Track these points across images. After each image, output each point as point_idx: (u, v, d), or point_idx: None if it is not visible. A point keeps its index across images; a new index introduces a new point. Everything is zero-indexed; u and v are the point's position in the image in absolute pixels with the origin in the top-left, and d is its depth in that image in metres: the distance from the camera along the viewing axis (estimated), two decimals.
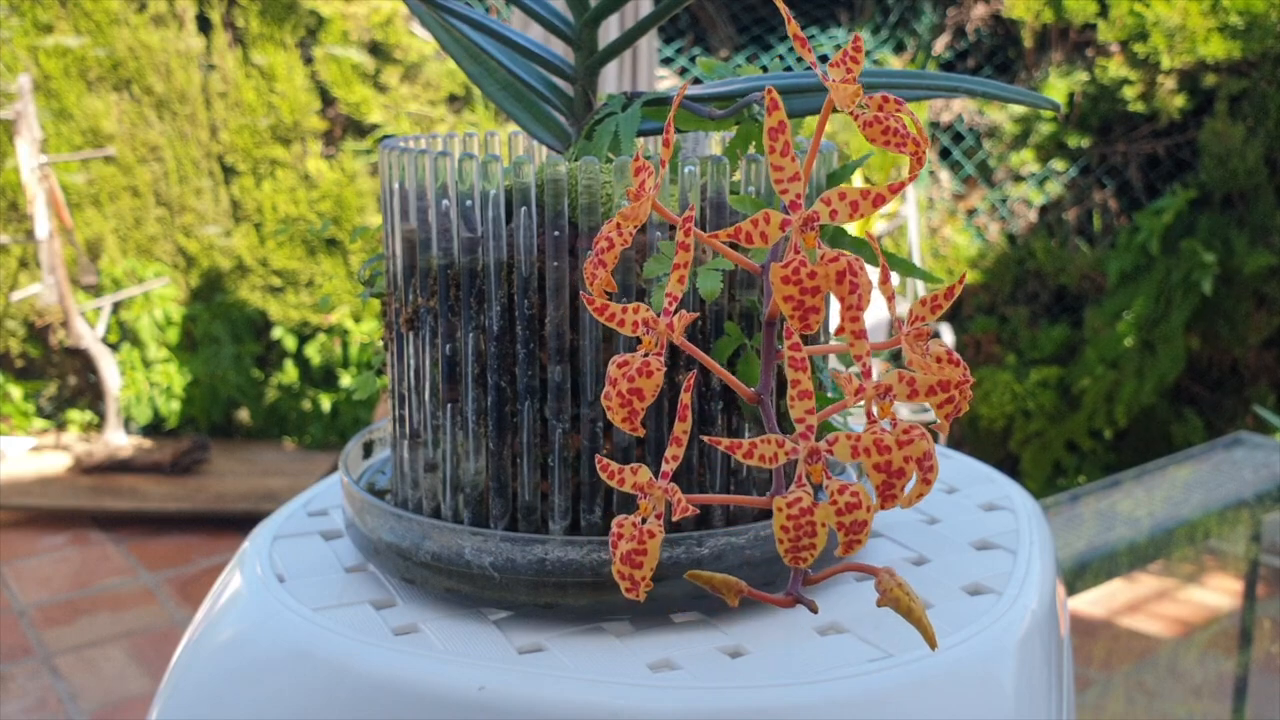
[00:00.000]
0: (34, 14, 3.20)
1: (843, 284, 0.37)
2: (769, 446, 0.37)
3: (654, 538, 0.38)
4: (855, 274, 0.37)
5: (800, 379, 0.37)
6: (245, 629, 0.53)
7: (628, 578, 0.39)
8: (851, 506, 0.36)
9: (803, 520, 0.36)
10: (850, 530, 0.37)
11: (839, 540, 0.37)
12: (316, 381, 3.34)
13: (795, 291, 0.37)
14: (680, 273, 0.39)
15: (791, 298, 0.37)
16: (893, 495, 0.37)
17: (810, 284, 0.37)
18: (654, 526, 0.39)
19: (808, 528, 0.36)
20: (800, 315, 0.37)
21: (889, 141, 0.39)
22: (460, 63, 0.61)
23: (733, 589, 0.39)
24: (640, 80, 2.22)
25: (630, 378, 0.39)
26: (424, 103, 3.28)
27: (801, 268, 0.37)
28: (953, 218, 3.20)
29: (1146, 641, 2.17)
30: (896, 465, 0.37)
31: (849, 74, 0.40)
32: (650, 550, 0.38)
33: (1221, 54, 2.68)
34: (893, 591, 0.38)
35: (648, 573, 0.39)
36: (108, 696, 1.99)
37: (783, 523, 0.36)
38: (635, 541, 0.39)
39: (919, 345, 0.41)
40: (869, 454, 0.37)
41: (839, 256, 0.37)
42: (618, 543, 0.39)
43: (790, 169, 0.38)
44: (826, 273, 0.37)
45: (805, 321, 0.37)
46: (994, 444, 3.05)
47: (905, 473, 0.37)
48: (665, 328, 0.39)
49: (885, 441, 0.37)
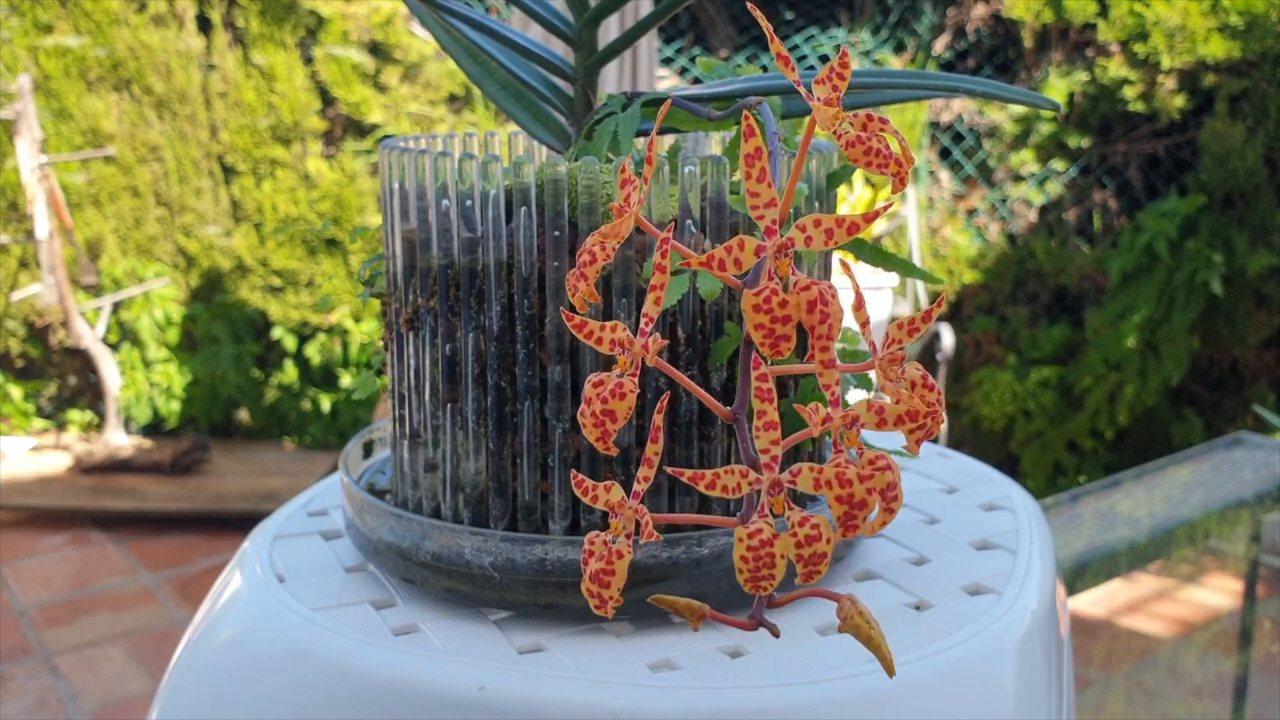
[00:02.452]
0: (34, 14, 3.20)
1: (813, 313, 0.37)
2: (732, 478, 0.38)
3: (622, 558, 0.39)
4: (826, 303, 0.37)
5: (766, 409, 0.37)
6: (245, 629, 0.53)
7: (596, 595, 0.39)
8: (811, 539, 0.37)
9: (762, 551, 0.37)
10: (809, 562, 0.37)
11: (798, 571, 0.37)
12: (316, 381, 3.34)
13: (766, 320, 0.37)
14: (656, 294, 0.39)
15: (762, 326, 0.37)
16: (854, 526, 0.37)
17: (781, 313, 0.37)
18: (623, 546, 0.39)
19: (767, 559, 0.37)
20: (771, 344, 0.37)
21: (871, 162, 0.39)
22: (460, 63, 0.61)
23: (695, 612, 0.40)
24: (640, 80, 2.22)
25: (604, 399, 0.39)
26: (424, 103, 3.28)
27: (773, 296, 0.37)
28: (953, 218, 3.20)
29: (1146, 641, 2.17)
30: (859, 498, 0.37)
31: (834, 91, 0.39)
32: (618, 570, 0.39)
33: (1221, 54, 2.68)
34: (854, 619, 0.39)
35: (615, 592, 0.39)
36: (108, 696, 1.99)
37: (743, 553, 0.37)
38: (604, 561, 0.39)
39: (893, 370, 0.41)
40: (831, 486, 0.37)
41: (811, 284, 0.37)
42: (588, 560, 0.39)
43: (766, 195, 0.38)
44: (798, 301, 0.37)
45: (776, 349, 0.37)
46: (994, 444, 3.05)
47: (868, 504, 0.37)
48: (640, 349, 0.40)
49: (847, 475, 0.37)
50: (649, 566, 0.49)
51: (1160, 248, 2.73)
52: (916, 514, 0.64)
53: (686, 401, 0.51)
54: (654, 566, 0.49)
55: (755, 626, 0.39)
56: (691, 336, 0.51)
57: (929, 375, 0.41)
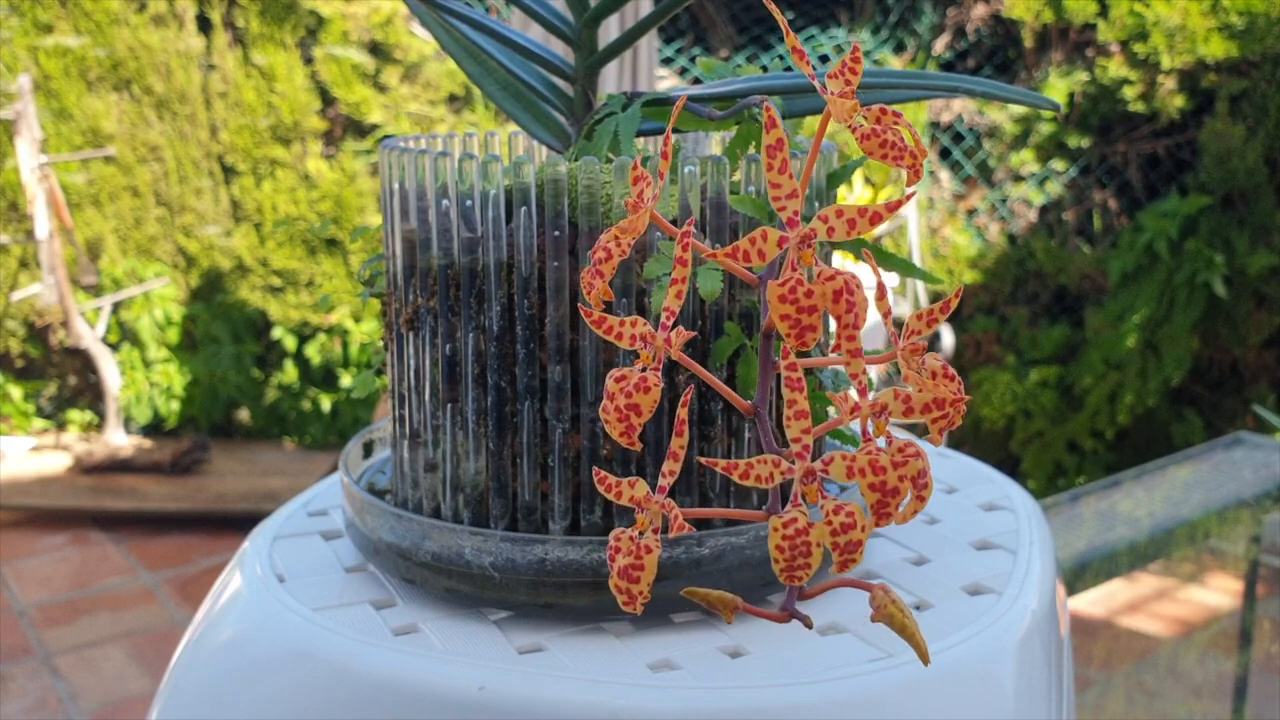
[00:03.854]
0: (34, 14, 3.20)
1: (839, 303, 0.37)
2: (765, 467, 0.38)
3: (650, 553, 0.39)
4: (852, 292, 0.37)
5: (796, 399, 0.37)
6: (245, 629, 0.53)
7: (625, 591, 0.39)
8: (846, 527, 0.36)
9: (798, 540, 0.36)
10: (845, 550, 0.37)
11: (834, 559, 0.37)
12: (316, 381, 3.34)
13: (792, 310, 0.37)
14: (678, 287, 0.39)
15: (788, 316, 0.37)
16: (888, 513, 0.37)
17: (807, 303, 0.37)
18: (651, 541, 0.39)
19: (803, 548, 0.36)
20: (797, 334, 0.37)
21: (886, 155, 0.39)
22: (460, 63, 0.61)
23: (729, 605, 0.39)
24: (640, 80, 2.22)
25: (628, 393, 0.39)
26: (424, 103, 3.28)
27: (799, 287, 0.37)
28: (953, 218, 3.20)
29: (1146, 641, 2.17)
30: (892, 485, 0.37)
31: (848, 86, 0.39)
32: (647, 565, 0.38)
33: (1221, 54, 2.68)
34: (887, 608, 0.38)
35: (644, 587, 0.39)
36: (108, 696, 1.99)
37: (778, 543, 0.37)
38: (632, 556, 0.39)
39: (914, 360, 0.41)
40: (864, 474, 0.37)
41: (835, 275, 0.37)
42: (615, 556, 0.39)
43: (788, 186, 0.38)
44: (823, 291, 0.37)
45: (802, 340, 0.37)
46: (995, 444, 3.05)
47: (900, 491, 0.37)
48: (663, 343, 0.39)
49: (880, 462, 0.37)
50: None
51: (1161, 247, 2.73)
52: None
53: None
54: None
55: (788, 618, 0.39)
56: (692, 337, 0.51)
57: (949, 365, 0.41)
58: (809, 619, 0.39)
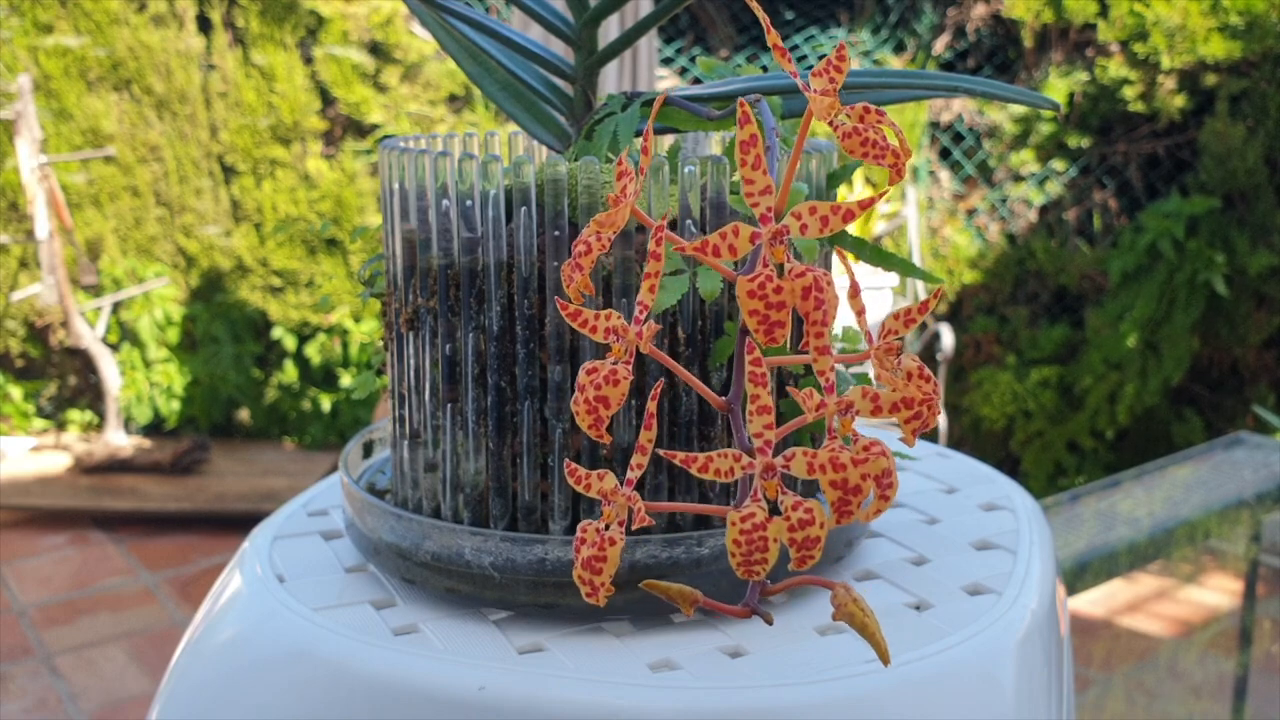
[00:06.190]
0: (34, 14, 3.20)
1: (808, 299, 0.37)
2: (725, 461, 0.38)
3: (614, 545, 0.39)
4: (821, 289, 0.37)
5: (760, 394, 0.37)
6: (245, 629, 0.53)
7: (588, 583, 0.39)
8: (804, 523, 0.36)
9: (755, 535, 0.36)
10: (802, 546, 0.37)
11: (791, 555, 0.37)
12: (316, 381, 3.34)
13: (760, 306, 0.37)
14: (650, 281, 0.39)
15: (757, 312, 0.37)
16: (849, 512, 0.37)
17: (776, 299, 0.37)
18: (615, 533, 0.39)
19: (759, 543, 0.36)
20: (765, 330, 0.37)
21: (868, 153, 0.39)
22: (460, 63, 0.61)
23: (688, 598, 0.40)
24: (640, 80, 2.22)
25: (597, 385, 0.39)
26: (424, 103, 3.28)
27: (767, 282, 0.37)
28: (953, 218, 3.20)
29: (1146, 641, 2.17)
30: (853, 483, 0.37)
31: (831, 84, 0.39)
32: (610, 556, 0.39)
33: (1221, 54, 2.68)
34: (848, 607, 0.38)
35: (607, 578, 0.39)
36: (108, 696, 1.99)
37: (735, 537, 0.37)
38: (596, 548, 0.39)
39: (890, 360, 0.41)
40: (825, 471, 0.37)
41: (805, 271, 0.37)
42: (580, 547, 0.39)
43: (761, 182, 0.38)
44: (792, 287, 0.37)
45: (770, 335, 0.37)
46: (995, 444, 3.05)
47: (862, 490, 0.37)
48: (634, 336, 0.40)
49: (841, 459, 0.37)
50: (649, 566, 0.49)
51: (1165, 247, 2.73)
52: (916, 514, 0.64)
53: (686, 400, 0.51)
54: (654, 566, 0.49)
55: (749, 614, 0.39)
56: (691, 336, 0.51)
57: (925, 366, 0.41)
58: (769, 615, 0.40)
